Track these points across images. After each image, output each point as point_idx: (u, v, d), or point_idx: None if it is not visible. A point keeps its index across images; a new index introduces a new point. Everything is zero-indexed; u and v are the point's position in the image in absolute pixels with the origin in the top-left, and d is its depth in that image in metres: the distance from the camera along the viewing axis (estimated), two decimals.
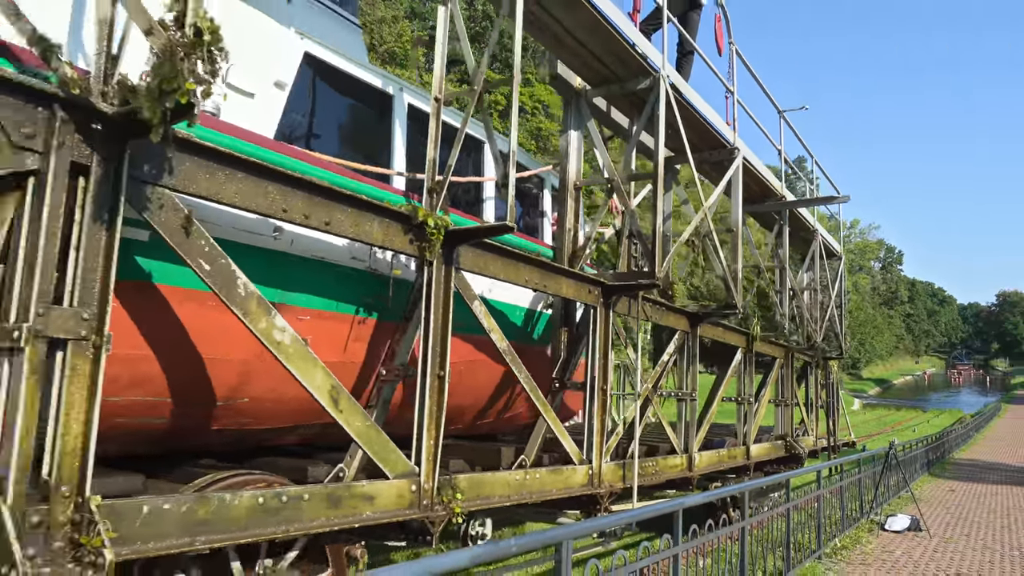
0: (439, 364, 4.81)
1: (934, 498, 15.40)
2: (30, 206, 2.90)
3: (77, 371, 2.94)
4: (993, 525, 12.51)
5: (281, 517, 3.76)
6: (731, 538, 6.63)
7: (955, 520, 12.87)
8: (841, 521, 10.49)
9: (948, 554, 10.05)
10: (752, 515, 7.26)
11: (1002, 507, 14.65)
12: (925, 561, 9.55)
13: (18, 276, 2.87)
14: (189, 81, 2.72)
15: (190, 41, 2.76)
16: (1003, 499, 15.83)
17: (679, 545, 5.31)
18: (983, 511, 14.05)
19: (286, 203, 3.84)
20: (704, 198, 7.92)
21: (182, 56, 2.74)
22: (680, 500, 5.66)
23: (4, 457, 2.74)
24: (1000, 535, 11.57)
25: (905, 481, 14.31)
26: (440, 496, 4.73)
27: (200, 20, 2.80)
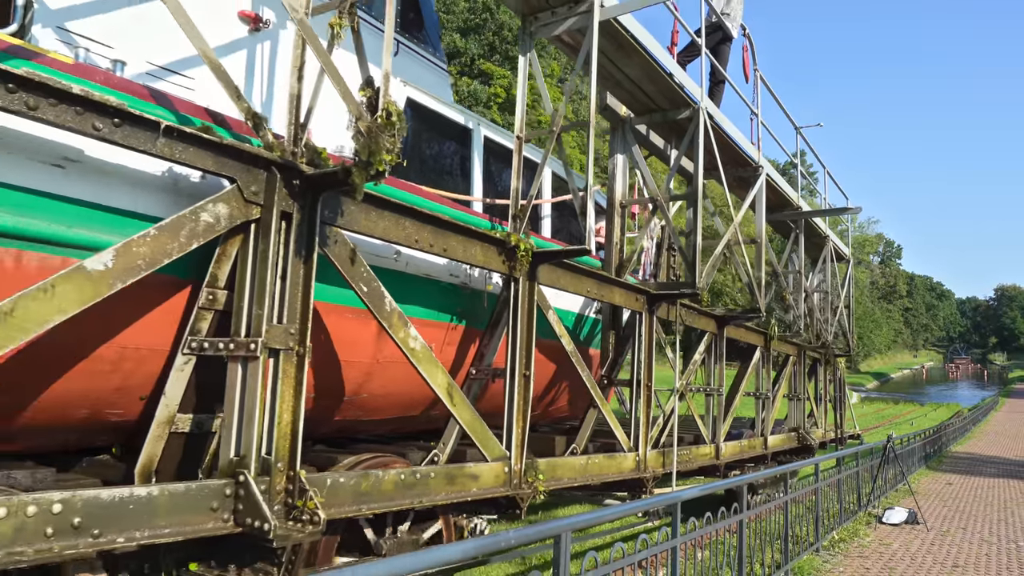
0: (525, 365, 5.67)
1: (931, 491, 15.42)
2: (253, 247, 3.75)
3: (287, 374, 3.79)
4: (990, 518, 12.56)
5: (415, 491, 4.64)
6: (729, 531, 6.66)
7: (952, 513, 12.89)
8: (839, 514, 10.52)
9: (945, 547, 10.07)
10: (768, 502, 8.07)
11: (999, 500, 14.71)
12: (922, 554, 9.57)
13: (246, 300, 3.74)
14: (386, 154, 3.57)
15: (384, 123, 3.62)
16: (1000, 492, 15.86)
17: (677, 538, 5.33)
18: (980, 504, 14.06)
19: (417, 234, 4.70)
20: (732, 210, 8.77)
21: (379, 134, 3.59)
22: (676, 494, 5.63)
23: (246, 439, 3.61)
24: (997, 528, 11.63)
25: (903, 474, 14.35)
26: (526, 476, 5.60)
27: (390, 105, 3.66)
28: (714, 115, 8.16)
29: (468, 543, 3.41)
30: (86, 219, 3.46)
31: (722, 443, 9.43)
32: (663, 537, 5.18)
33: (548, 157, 5.90)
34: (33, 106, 2.88)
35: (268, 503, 3.58)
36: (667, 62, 7.19)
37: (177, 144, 3.36)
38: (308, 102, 4.07)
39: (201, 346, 3.75)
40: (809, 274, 13.75)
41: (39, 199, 3.30)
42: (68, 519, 2.94)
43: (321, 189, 3.93)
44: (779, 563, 7.75)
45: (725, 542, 6.50)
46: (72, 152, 3.38)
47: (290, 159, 3.80)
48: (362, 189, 3.71)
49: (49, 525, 2.89)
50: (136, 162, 3.60)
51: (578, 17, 5.92)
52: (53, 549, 2.89)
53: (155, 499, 3.26)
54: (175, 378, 3.76)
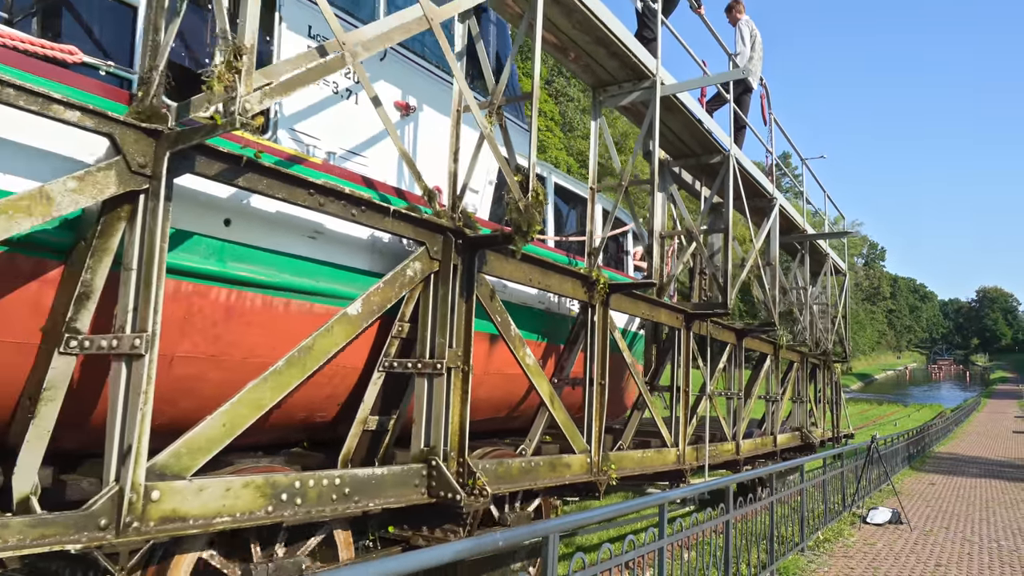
0: (600, 375, 7.00)
1: (915, 491, 15.64)
2: (434, 292, 5.06)
3: (457, 387, 5.10)
4: (972, 518, 12.74)
5: (530, 476, 5.96)
6: (715, 531, 6.75)
7: (935, 513, 13.07)
8: (824, 514, 10.69)
9: (928, 546, 10.18)
10: (777, 492, 9.36)
11: (981, 500, 14.94)
12: (906, 553, 9.69)
13: (428, 331, 5.04)
14: (537, 224, 4.90)
15: (535, 202, 4.94)
16: (982, 492, 16.12)
17: (664, 539, 5.39)
18: (962, 504, 14.26)
19: (531, 275, 6.02)
20: (753, 238, 10.15)
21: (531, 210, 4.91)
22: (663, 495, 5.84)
23: (435, 434, 4.92)
24: (979, 528, 11.80)
25: (886, 475, 14.51)
26: (602, 466, 6.93)
27: (538, 188, 4.98)
28: (739, 159, 9.54)
29: (461, 544, 3.54)
30: (325, 274, 4.76)
31: (741, 440, 10.80)
32: (650, 538, 5.24)
33: (617, 206, 7.25)
34: (322, 203, 4.19)
35: (455, 481, 4.89)
36: (704, 118, 8.55)
37: (395, 221, 4.67)
38: (463, 178, 5.39)
39: (391, 365, 5.05)
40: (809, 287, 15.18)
41: (300, 262, 4.60)
42: (343, 489, 4.25)
43: (478, 247, 5.25)
44: (765, 563, 7.90)
45: (711, 542, 6.62)
46: (320, 227, 4.67)
47: (458, 226, 5.12)
48: (521, 250, 5.04)
49: (334, 492, 4.19)
50: (354, 231, 4.89)
51: (641, 92, 7.27)
52: (337, 508, 4.19)
53: (385, 477, 4.57)
54: (371, 389, 5.05)
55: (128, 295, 3.29)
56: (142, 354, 3.21)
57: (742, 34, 10.08)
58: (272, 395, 3.93)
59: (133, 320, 3.26)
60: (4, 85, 2.85)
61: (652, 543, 5.28)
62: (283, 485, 3.90)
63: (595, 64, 7.02)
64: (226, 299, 4.17)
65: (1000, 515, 13.12)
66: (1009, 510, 13.64)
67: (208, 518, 3.51)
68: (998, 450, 27.33)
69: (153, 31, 3.52)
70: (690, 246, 9.77)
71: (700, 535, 6.34)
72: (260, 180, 3.81)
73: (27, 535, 2.88)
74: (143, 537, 3.21)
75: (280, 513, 3.86)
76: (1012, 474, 19.68)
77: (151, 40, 3.51)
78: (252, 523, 3.72)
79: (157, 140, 3.32)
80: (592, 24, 6.31)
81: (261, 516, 3.76)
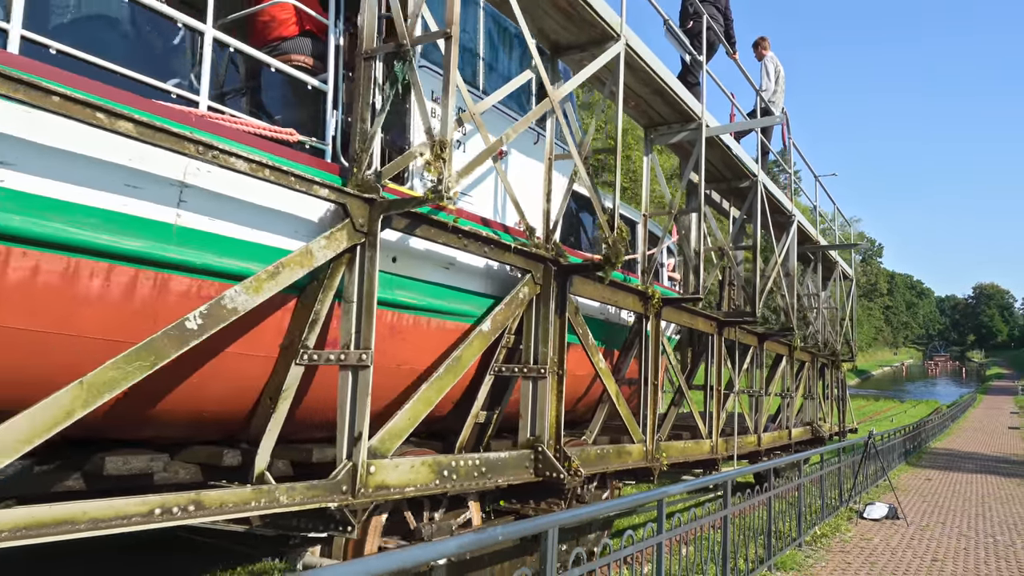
0: (653, 376, 8.17)
1: (911, 487, 15.82)
2: (536, 310, 6.21)
3: (554, 387, 6.26)
4: (968, 513, 12.85)
5: (604, 461, 7.12)
6: (714, 526, 6.83)
7: (931, 508, 13.20)
8: (821, 509, 10.80)
9: (925, 541, 10.29)
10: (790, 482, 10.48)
11: (977, 495, 15.10)
12: (902, 548, 9.79)
13: (533, 343, 6.20)
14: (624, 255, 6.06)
15: (620, 237, 6.10)
16: (978, 487, 16.29)
17: (663, 534, 5.44)
18: (958, 499, 14.40)
19: (604, 293, 7.17)
20: (776, 252, 11.32)
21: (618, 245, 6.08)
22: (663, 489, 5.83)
23: (539, 425, 6.08)
24: (975, 523, 11.92)
25: (883, 470, 14.74)
26: (656, 454, 8.10)
27: (621, 227, 6.14)
28: (766, 183, 10.71)
29: (464, 538, 3.63)
30: (455, 296, 5.91)
31: (762, 433, 12.00)
32: (648, 533, 5.30)
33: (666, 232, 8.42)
34: (466, 244, 5.35)
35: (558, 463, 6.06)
36: (738, 151, 9.71)
37: (512, 254, 5.83)
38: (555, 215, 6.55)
39: (500, 370, 6.20)
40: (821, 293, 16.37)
41: (439, 287, 5.74)
42: (481, 468, 5.42)
43: (569, 273, 6.41)
44: (762, 558, 8.04)
45: (710, 538, 6.70)
46: (452, 259, 5.82)
47: (554, 256, 6.27)
48: (610, 276, 6.20)
49: (475, 471, 5.36)
50: (475, 261, 6.04)
51: (688, 132, 8.43)
52: (478, 483, 5.36)
53: (507, 460, 5.74)
54: (482, 390, 6.20)
55: (351, 320, 4.44)
56: (368, 365, 4.37)
57: (767, 70, 11.25)
58: (436, 396, 5.09)
59: (356, 339, 4.42)
60: (286, 174, 4.01)
61: (650, 538, 5.30)
62: (445, 464, 5.07)
63: (650, 109, 8.18)
64: (390, 320, 5.32)
65: (996, 510, 13.29)
66: (1005, 505, 13.94)
67: (401, 487, 4.68)
68: (994, 446, 27.80)
69: (361, 120, 4.67)
70: (719, 260, 10.94)
71: (698, 530, 6.36)
72: (430, 230, 4.98)
73: (305, 495, 4.04)
74: (368, 499, 4.38)
75: (444, 485, 5.03)
76: (1007, 470, 20.15)
77: (360, 128, 4.66)
78: (427, 492, 4.90)
79: (371, 206, 4.48)
80: (653, 80, 7.46)
81: (432, 487, 4.93)
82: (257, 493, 3.81)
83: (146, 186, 3.70)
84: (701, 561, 6.50)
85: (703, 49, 8.56)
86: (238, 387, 4.45)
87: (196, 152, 3.54)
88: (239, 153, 3.73)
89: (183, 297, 3.96)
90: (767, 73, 11.23)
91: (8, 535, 2.80)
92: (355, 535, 4.38)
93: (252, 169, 3.80)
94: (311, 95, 5.10)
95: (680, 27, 9.08)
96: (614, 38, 6.54)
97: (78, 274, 3.50)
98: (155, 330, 3.54)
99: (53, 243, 3.37)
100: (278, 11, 5.18)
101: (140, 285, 3.75)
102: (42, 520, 2.93)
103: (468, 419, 6.10)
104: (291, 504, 4.06)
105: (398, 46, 4.62)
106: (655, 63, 7.37)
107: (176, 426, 4.31)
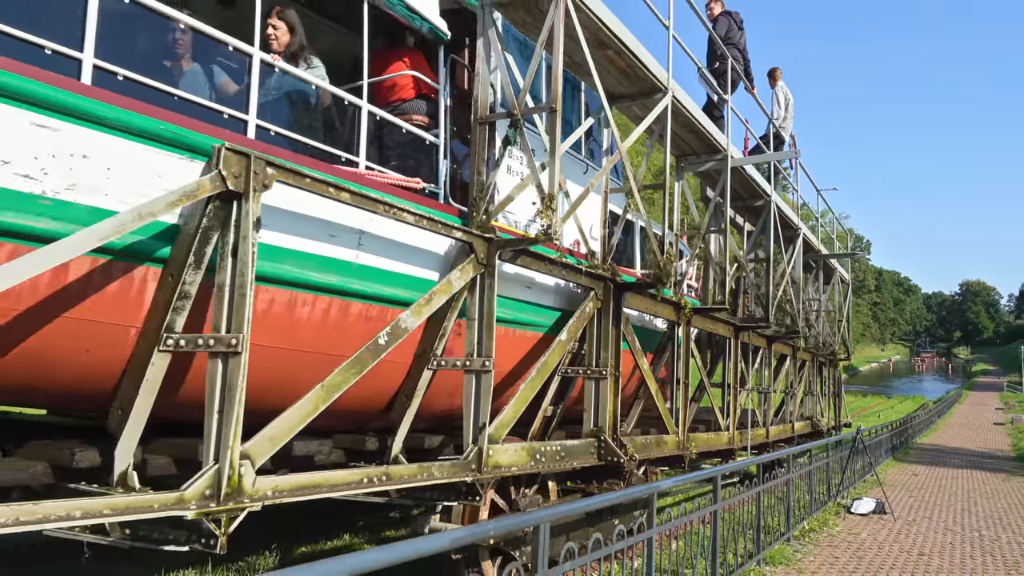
0: (685, 376, 9.37)
1: (898, 482, 16.01)
2: (597, 322, 7.39)
3: (611, 386, 7.45)
4: (954, 508, 13.03)
5: (647, 449, 8.30)
6: (703, 521, 6.93)
7: (918, 503, 13.36)
8: (809, 505, 10.93)
9: (911, 536, 10.41)
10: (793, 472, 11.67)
11: (963, 490, 15.33)
12: (889, 543, 9.90)
13: (595, 347, 7.38)
14: (674, 276, 7.25)
15: (669, 261, 7.30)
16: (964, 482, 16.55)
17: (652, 528, 5.51)
18: (945, 494, 14.58)
19: (648, 305, 8.36)
20: (786, 263, 12.54)
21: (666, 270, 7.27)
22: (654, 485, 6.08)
23: (600, 418, 7.27)
24: (960, 517, 12.08)
25: (871, 465, 14.91)
26: (687, 444, 9.31)
27: (670, 252, 7.33)
28: (777, 202, 11.93)
29: (457, 531, 3.62)
30: (532, 310, 7.07)
31: (770, 427, 13.25)
32: (638, 528, 5.38)
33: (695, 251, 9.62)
34: (550, 270, 6.52)
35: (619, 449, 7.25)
36: (754, 174, 10.92)
37: (584, 276, 7.01)
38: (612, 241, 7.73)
39: (566, 371, 7.38)
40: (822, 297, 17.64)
41: (521, 304, 6.91)
42: (560, 453, 6.60)
43: (624, 290, 7.59)
44: (751, 553, 8.21)
45: (699, 532, 6.83)
46: (533, 280, 6.98)
47: (612, 276, 7.45)
48: (662, 293, 7.39)
49: (556, 455, 6.54)
50: (548, 280, 7.20)
51: (715, 162, 9.63)
52: (558, 465, 6.54)
53: (577, 446, 6.93)
54: (551, 388, 7.37)
55: (473, 335, 5.62)
56: (490, 370, 5.55)
57: (778, 99, 12.47)
58: (531, 394, 6.26)
59: (479, 349, 5.60)
60: (436, 222, 5.17)
61: (640, 534, 5.34)
62: (537, 449, 6.26)
63: (684, 143, 9.38)
64: None
65: (981, 505, 13.53)
66: (990, 500, 14.21)
67: (509, 467, 5.86)
68: (979, 441, 28.32)
69: (477, 173, 5.84)
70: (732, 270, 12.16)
71: (688, 525, 6.48)
72: (527, 259, 6.16)
73: (449, 471, 5.22)
74: (490, 476, 5.56)
75: (536, 466, 6.22)
76: (993, 465, 20.66)
77: (477, 180, 5.83)
78: (526, 471, 6.08)
79: (489, 243, 5.65)
80: (690, 122, 8.66)
81: (529, 467, 6.12)
82: (420, 468, 4.98)
83: (339, 235, 4.87)
84: (691, 556, 6.60)
85: (728, 89, 9.76)
86: (384, 387, 5.61)
87: (383, 211, 4.71)
88: (409, 209, 4.91)
89: (358, 318, 5.13)
90: (778, 102, 12.44)
91: (288, 493, 3.98)
92: (483, 502, 5.53)
93: (416, 220, 4.97)
94: (424, 147, 6.26)
95: (707, 67, 10.27)
96: (662, 90, 7.72)
97: (296, 304, 4.66)
98: (342, 345, 4.71)
99: (286, 281, 4.53)
100: (399, 78, 6.33)
101: (333, 310, 4.92)
102: (304, 484, 4.11)
103: (540, 413, 7.28)
104: (442, 477, 5.23)
105: (510, 115, 5.78)
106: (694, 109, 8.56)
107: (343, 418, 5.46)
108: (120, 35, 3.93)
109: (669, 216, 8.21)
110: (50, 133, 3.35)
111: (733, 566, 7.46)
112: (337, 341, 4.92)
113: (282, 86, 5.07)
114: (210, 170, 3.67)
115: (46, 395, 4.31)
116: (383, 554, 2.99)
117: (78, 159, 3.47)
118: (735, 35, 10.49)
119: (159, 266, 3.84)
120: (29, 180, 3.32)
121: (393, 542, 3.24)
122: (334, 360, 4.62)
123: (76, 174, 3.47)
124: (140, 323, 3.83)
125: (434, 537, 3.26)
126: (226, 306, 3.70)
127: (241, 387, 3.65)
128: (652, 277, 7.44)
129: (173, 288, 3.75)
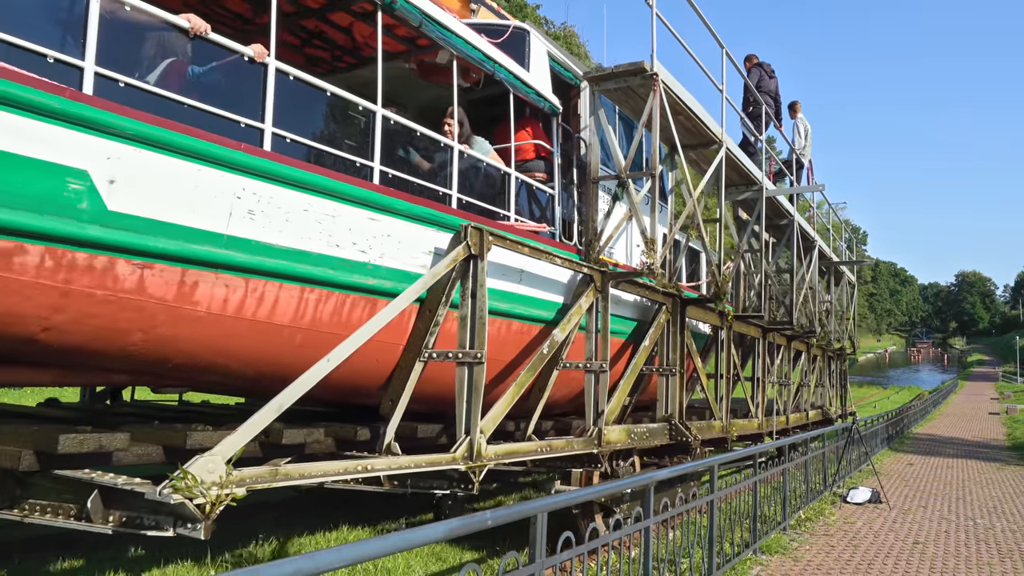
0: (727, 371, 11.23)
1: (894, 471, 16.25)
2: (667, 330, 9.25)
3: (678, 381, 9.32)
4: (949, 497, 13.17)
5: (701, 432, 10.18)
6: (700, 511, 7.06)
7: (913, 492, 13.52)
8: (805, 494, 11.13)
9: (907, 525, 10.54)
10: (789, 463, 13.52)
11: (958, 480, 15.52)
12: (885, 531, 10.01)
13: (666, 351, 9.25)
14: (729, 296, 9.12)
15: (724, 283, 9.17)
16: (959, 472, 16.76)
17: (650, 518, 5.57)
18: (940, 484, 14.77)
19: (699, 315, 10.22)
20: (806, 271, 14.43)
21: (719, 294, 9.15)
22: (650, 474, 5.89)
23: (671, 407, 9.15)
24: (956, 506, 12.22)
25: (866, 455, 15.20)
26: (728, 428, 11.19)
27: (726, 274, 9.20)
28: (800, 221, 13.82)
29: (452, 522, 3.70)
30: (619, 321, 8.88)
31: (789, 415, 15.18)
32: (635, 517, 5.41)
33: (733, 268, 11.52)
34: (637, 291, 8.39)
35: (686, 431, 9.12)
36: (781, 198, 12.81)
37: (659, 294, 8.88)
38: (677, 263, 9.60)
39: (642, 369, 9.23)
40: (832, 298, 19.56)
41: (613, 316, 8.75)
42: (645, 433, 8.47)
43: (687, 304, 9.46)
44: (748, 542, 8.35)
45: (696, 522, 6.92)
46: (619, 297, 8.80)
47: (678, 293, 9.31)
48: (720, 306, 9.26)
49: (644, 435, 8.41)
50: (629, 297, 9.04)
51: (752, 192, 11.50)
52: (646, 443, 8.42)
53: (656, 428, 8.80)
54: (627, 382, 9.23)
55: (592, 342, 7.49)
56: (606, 371, 7.43)
57: (798, 129, 14.35)
58: (628, 387, 8.15)
59: (596, 353, 7.47)
60: (571, 262, 7.05)
61: (638, 523, 5.41)
62: (631, 430, 8.15)
63: (727, 179, 11.24)
64: None
65: (976, 494, 13.66)
66: (984, 489, 14.40)
67: (615, 443, 7.74)
68: (974, 431, 28.71)
69: (591, 220, 7.70)
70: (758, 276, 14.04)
71: (685, 515, 6.56)
72: (626, 285, 8.04)
73: (579, 445, 7.10)
74: (606, 450, 7.44)
75: (631, 443, 8.10)
76: (987, 454, 21.03)
77: (591, 226, 7.69)
78: (626, 447, 7.96)
79: (604, 275, 7.52)
80: (736, 165, 10.53)
81: (628, 444, 8.00)
82: (567, 443, 6.87)
83: (509, 275, 6.74)
84: (688, 545, 6.74)
85: (763, 129, 11.64)
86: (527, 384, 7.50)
87: (546, 258, 6.58)
88: (557, 254, 6.78)
89: (516, 333, 7.01)
90: (799, 132, 14.31)
91: (502, 457, 5.86)
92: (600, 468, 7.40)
93: (561, 263, 6.84)
94: (544, 197, 8.12)
95: (743, 110, 12.13)
96: (716, 142, 9.58)
97: (506, 327, 6.55)
98: (511, 354, 6.59)
99: (495, 312, 6.40)
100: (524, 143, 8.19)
101: (510, 328, 6.81)
102: (509, 451, 5.99)
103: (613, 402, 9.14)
104: (577, 449, 7.10)
105: (616, 177, 7.65)
106: (741, 156, 10.42)
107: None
108: (391, 148, 5.78)
109: (718, 244, 10.08)
110: (374, 223, 5.22)
111: (730, 555, 7.70)
112: (506, 352, 6.80)
113: (464, 163, 6.92)
114: (459, 241, 5.54)
115: (352, 391, 5.77)
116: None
117: (383, 237, 5.34)
118: (766, 83, 12.34)
119: (417, 303, 5.70)
120: (362, 252, 5.18)
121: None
122: (499, 365, 6.50)
123: (384, 247, 5.33)
124: (405, 341, 5.70)
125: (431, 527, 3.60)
126: (468, 331, 5.57)
127: (481, 385, 5.53)
128: (711, 295, 9.30)
129: (430, 319, 5.62)
